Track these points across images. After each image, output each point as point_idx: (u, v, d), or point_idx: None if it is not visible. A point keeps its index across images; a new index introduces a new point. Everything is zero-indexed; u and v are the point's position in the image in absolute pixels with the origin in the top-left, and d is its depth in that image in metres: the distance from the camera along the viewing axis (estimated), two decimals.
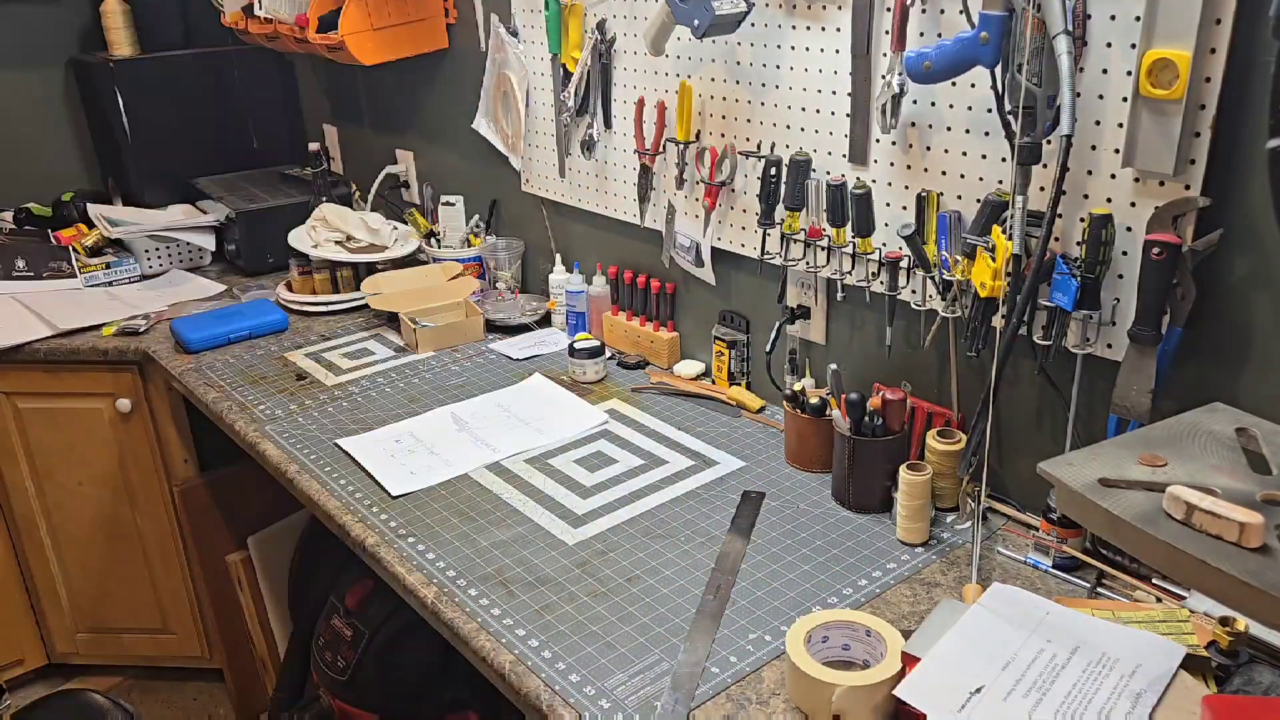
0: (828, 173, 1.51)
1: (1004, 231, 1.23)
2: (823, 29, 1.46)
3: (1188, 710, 0.94)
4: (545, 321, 2.15)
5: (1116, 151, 1.16)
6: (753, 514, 1.40)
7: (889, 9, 1.35)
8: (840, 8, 1.42)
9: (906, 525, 1.33)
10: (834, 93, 1.47)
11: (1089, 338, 1.23)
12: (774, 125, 1.58)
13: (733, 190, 1.68)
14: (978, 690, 0.96)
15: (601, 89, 1.88)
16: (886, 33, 1.35)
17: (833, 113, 1.48)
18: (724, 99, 1.65)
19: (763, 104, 1.58)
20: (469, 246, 2.33)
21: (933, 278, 1.37)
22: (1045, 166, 1.20)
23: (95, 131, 2.85)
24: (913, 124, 1.38)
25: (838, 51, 1.45)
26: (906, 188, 1.41)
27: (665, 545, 1.35)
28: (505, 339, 2.08)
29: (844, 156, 1.48)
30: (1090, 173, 1.20)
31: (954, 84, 1.30)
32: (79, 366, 2.17)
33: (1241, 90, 1.06)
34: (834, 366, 1.45)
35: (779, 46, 1.53)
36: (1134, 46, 1.12)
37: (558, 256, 2.13)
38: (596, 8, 1.84)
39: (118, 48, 2.73)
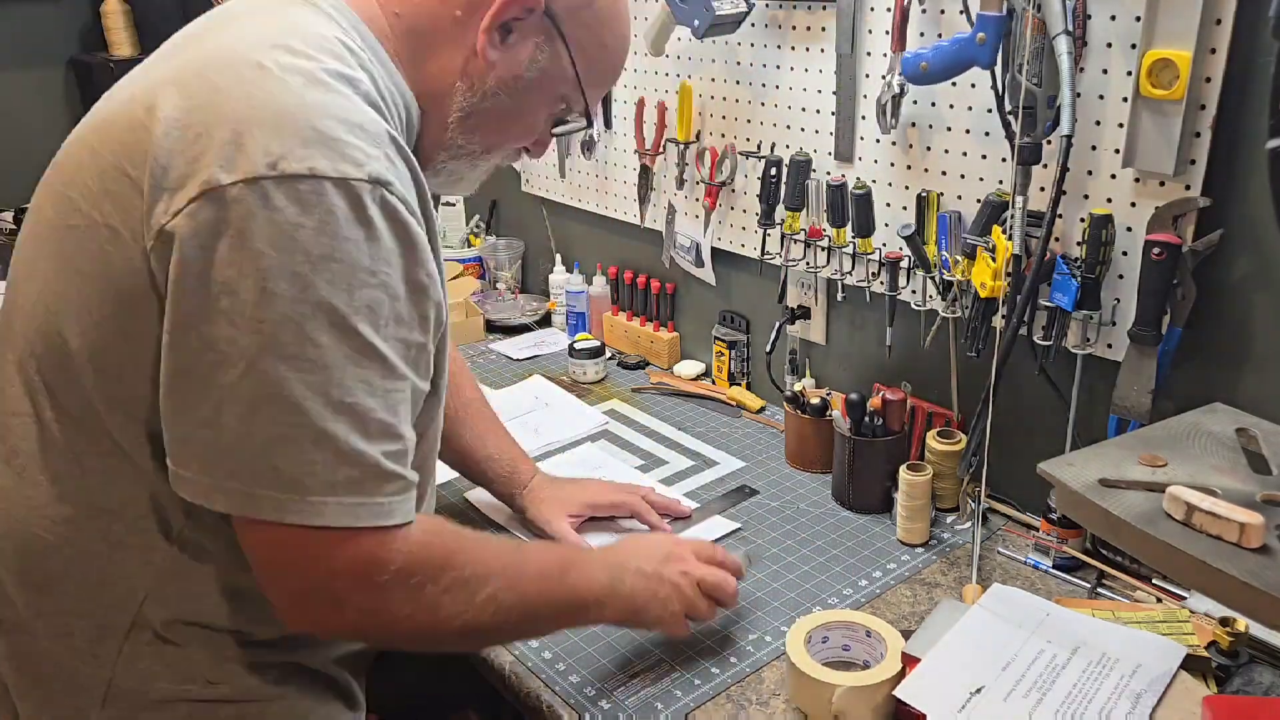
0: (828, 173, 1.50)
1: (1004, 231, 1.22)
2: (823, 29, 1.46)
3: (1188, 710, 0.94)
4: (545, 321, 2.15)
5: (1117, 151, 1.16)
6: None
7: (889, 9, 1.35)
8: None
9: (907, 525, 1.33)
10: (834, 93, 1.47)
11: (1089, 338, 1.23)
12: (774, 125, 1.58)
13: (733, 190, 1.68)
14: (978, 690, 0.97)
15: None
16: (886, 33, 1.35)
17: (832, 113, 1.48)
18: (724, 99, 1.65)
19: (763, 104, 1.58)
20: (469, 246, 2.33)
21: (933, 278, 1.37)
22: (1045, 166, 1.20)
23: None
24: (913, 124, 1.38)
25: None
26: (907, 188, 1.41)
27: None
28: (505, 339, 2.08)
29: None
30: (1090, 173, 1.20)
31: (954, 84, 1.30)
32: None
33: (1241, 90, 1.06)
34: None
35: (779, 46, 1.53)
36: (1134, 46, 1.11)
37: (558, 256, 2.13)
38: None
39: (118, 48, 2.73)
